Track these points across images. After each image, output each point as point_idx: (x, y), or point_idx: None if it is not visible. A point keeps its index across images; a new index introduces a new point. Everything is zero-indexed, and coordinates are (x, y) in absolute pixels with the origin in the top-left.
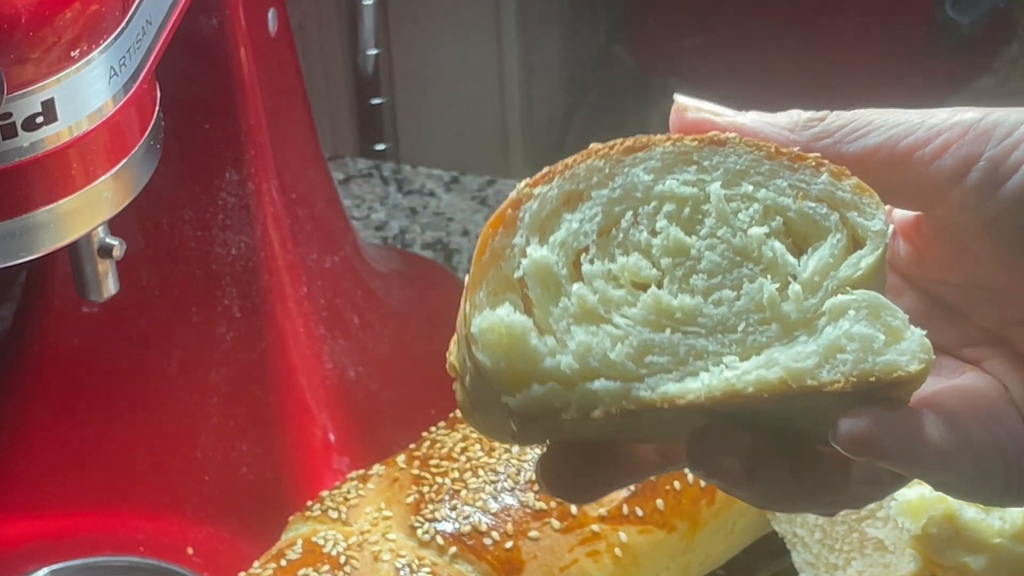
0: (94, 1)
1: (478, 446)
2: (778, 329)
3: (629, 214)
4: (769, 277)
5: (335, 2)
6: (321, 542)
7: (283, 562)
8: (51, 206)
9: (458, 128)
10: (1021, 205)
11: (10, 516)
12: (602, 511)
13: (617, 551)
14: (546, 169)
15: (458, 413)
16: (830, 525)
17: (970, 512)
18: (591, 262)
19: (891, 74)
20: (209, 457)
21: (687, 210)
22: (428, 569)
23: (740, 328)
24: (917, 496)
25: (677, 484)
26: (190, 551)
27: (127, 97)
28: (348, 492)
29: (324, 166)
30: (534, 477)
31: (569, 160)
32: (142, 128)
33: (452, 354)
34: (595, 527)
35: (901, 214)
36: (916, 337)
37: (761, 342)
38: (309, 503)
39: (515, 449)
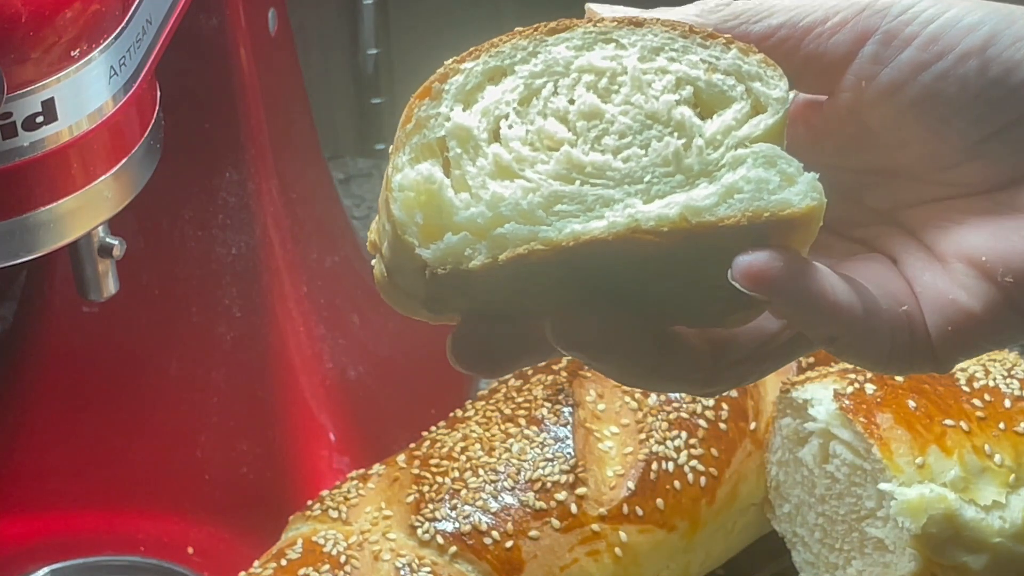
0: (94, 1)
1: (478, 446)
2: (681, 180)
3: (549, 85)
4: (676, 136)
5: (335, 2)
6: (321, 541)
7: (283, 561)
8: (51, 206)
9: None
10: (913, 77)
11: (10, 515)
12: (602, 511)
13: (617, 550)
14: (472, 49)
15: (458, 413)
16: (830, 525)
17: (970, 512)
18: (510, 127)
19: None
20: (209, 457)
21: (604, 81)
22: (428, 568)
23: (646, 180)
24: (917, 496)
25: (677, 484)
26: (190, 550)
27: (127, 97)
28: (348, 492)
29: (324, 166)
30: (533, 475)
31: (495, 40)
32: (142, 128)
33: (372, 230)
34: (595, 527)
35: (802, 99)
36: (808, 178)
37: (665, 191)
38: (309, 502)
39: (515, 448)
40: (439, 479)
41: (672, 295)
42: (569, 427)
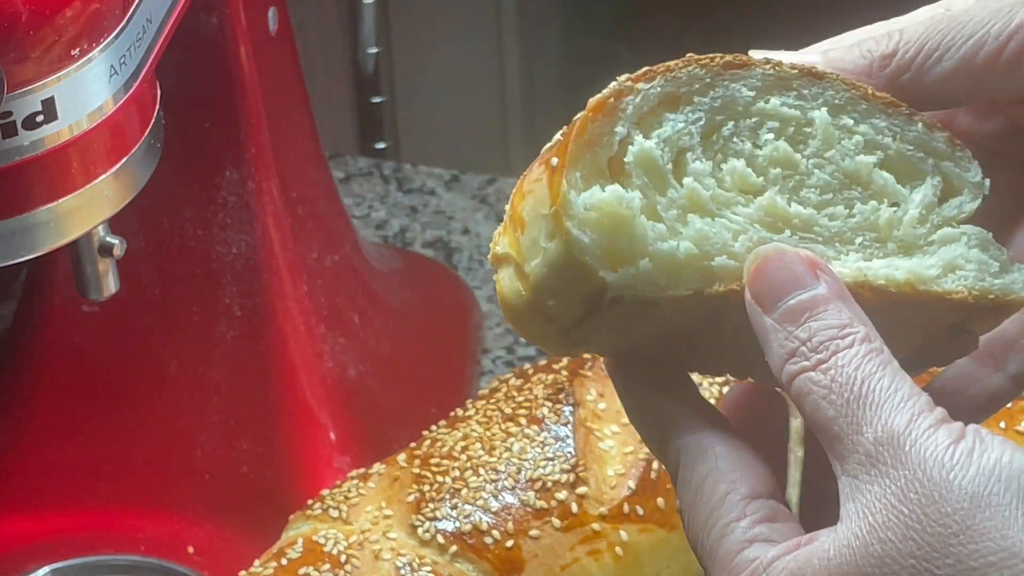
0: (94, 0)
1: (479, 445)
2: (893, 248)
3: (731, 124)
4: (880, 201)
5: (335, 1)
6: (322, 541)
7: (284, 561)
8: (51, 205)
9: (458, 126)
10: None
11: (10, 515)
12: (603, 510)
13: (618, 550)
14: (644, 69)
15: (459, 412)
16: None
17: None
18: (696, 161)
19: None
20: (209, 456)
21: (791, 130)
22: (429, 568)
23: (857, 242)
24: None
25: None
26: (190, 550)
27: (127, 96)
28: (349, 491)
29: (324, 165)
30: (534, 474)
31: (671, 63)
32: (142, 127)
33: (499, 244)
34: (596, 526)
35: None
36: (1023, 269)
37: (877, 256)
38: (310, 502)
39: (515, 448)
40: (439, 478)
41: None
42: (570, 426)
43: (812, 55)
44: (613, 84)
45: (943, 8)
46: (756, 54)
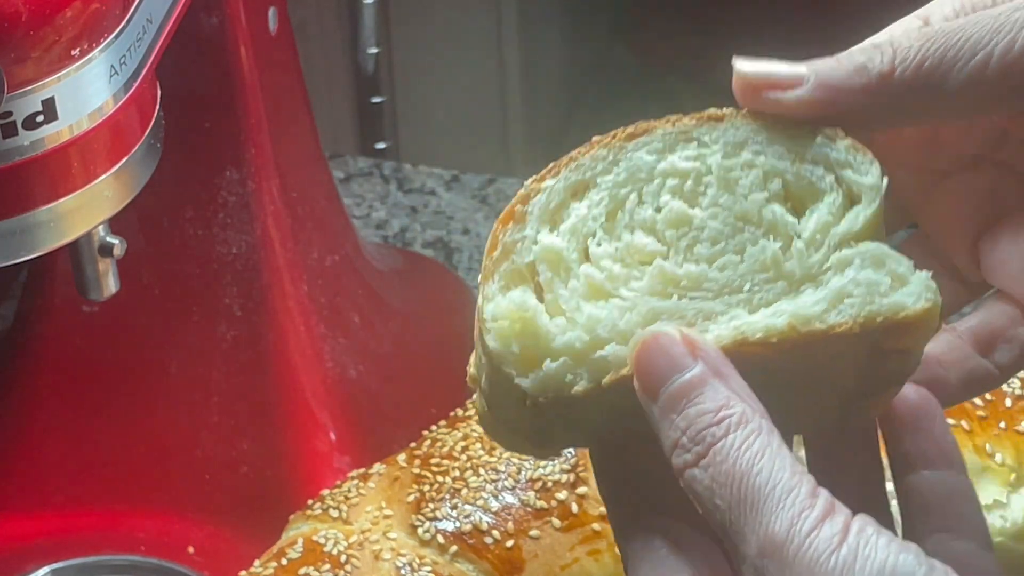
0: (94, 0)
1: (479, 445)
2: (784, 286)
3: (634, 195)
4: (771, 238)
5: (336, 1)
6: (322, 541)
7: (284, 561)
8: (51, 205)
9: (459, 126)
10: None
11: (10, 515)
12: (603, 510)
13: (618, 550)
14: (551, 164)
15: (459, 412)
16: None
17: None
18: (598, 244)
19: None
20: (209, 456)
21: (689, 183)
22: (429, 568)
23: (746, 288)
24: None
25: None
26: (191, 550)
27: (128, 96)
28: (349, 491)
29: (324, 165)
30: (534, 474)
31: (574, 153)
32: (143, 127)
33: (472, 364)
34: (596, 526)
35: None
36: (921, 278)
37: (768, 299)
38: (310, 502)
39: None
40: (440, 478)
41: (783, 407)
42: None
43: (802, 68)
44: (520, 190)
45: (919, 22)
46: (743, 65)
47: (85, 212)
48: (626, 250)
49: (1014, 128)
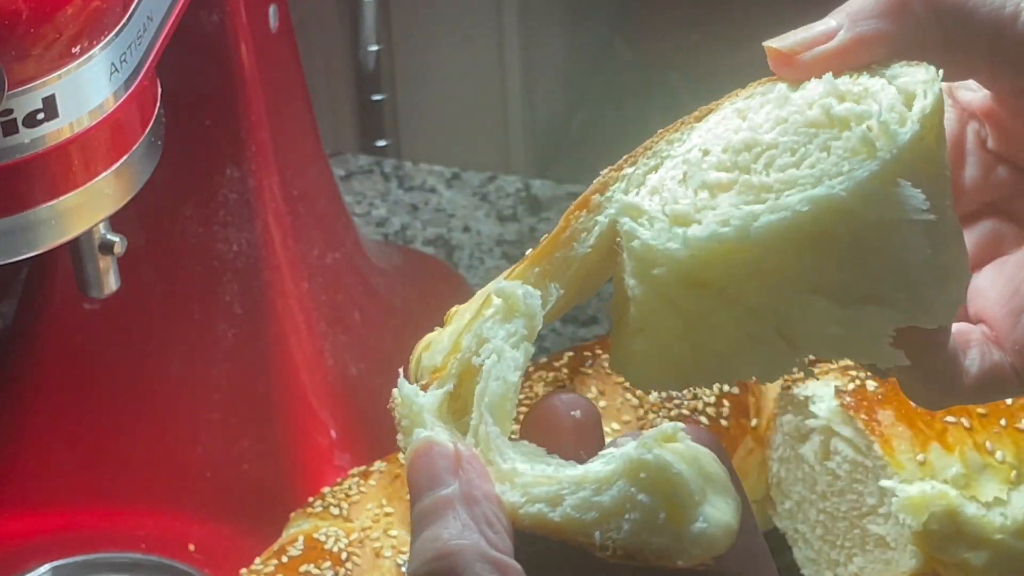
0: None
1: None
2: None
3: (699, 152)
4: (852, 127)
5: None
6: (323, 538)
7: (284, 558)
8: (52, 203)
9: (459, 124)
10: None
11: (12, 512)
12: None
13: None
14: (626, 156)
15: None
16: (831, 521)
17: (972, 508)
18: (678, 185)
19: None
20: (210, 454)
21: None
22: None
23: (845, 169)
24: (919, 492)
25: None
26: (191, 547)
27: (128, 93)
28: (349, 488)
29: (325, 162)
30: None
31: (647, 143)
32: (143, 124)
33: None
34: None
35: (978, 102)
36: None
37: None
38: (310, 499)
39: None
40: None
41: None
42: None
43: (830, 20)
44: (597, 178)
45: None
46: (774, 42)
47: (86, 210)
48: (706, 185)
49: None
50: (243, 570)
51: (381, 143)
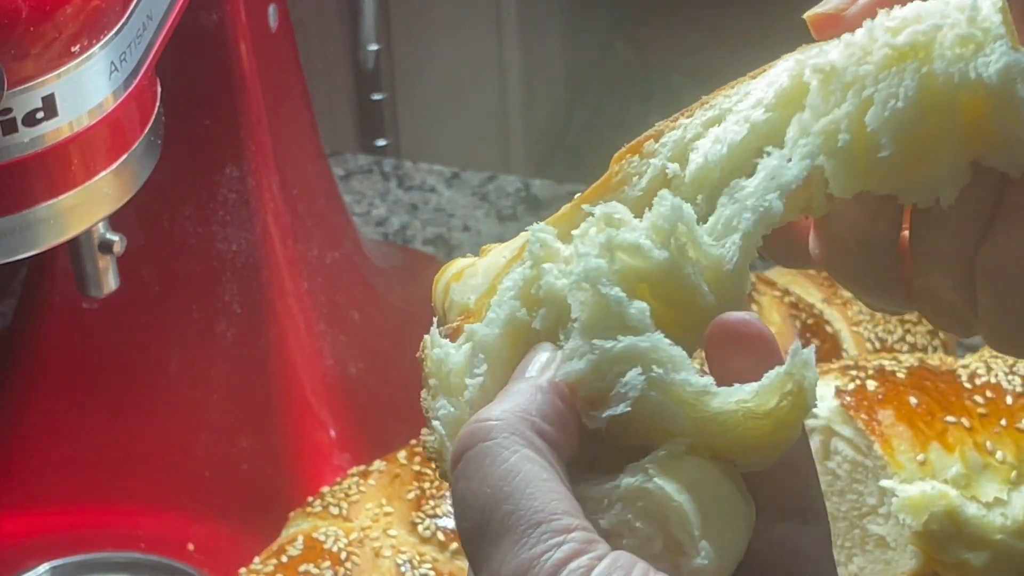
0: None
1: None
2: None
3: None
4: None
5: None
6: (322, 538)
7: (284, 558)
8: (51, 202)
9: (459, 124)
10: None
11: (10, 512)
12: None
13: None
14: (683, 110)
15: None
16: (831, 521)
17: (972, 509)
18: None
19: None
20: (209, 453)
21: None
22: (429, 565)
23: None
24: (919, 493)
25: None
26: (190, 547)
27: (127, 93)
28: (349, 488)
29: (324, 162)
30: None
31: (705, 98)
32: (142, 124)
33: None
34: None
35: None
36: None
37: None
38: (310, 499)
39: None
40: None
41: None
42: None
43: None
44: (649, 130)
45: None
46: (811, 12)
47: (85, 209)
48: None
49: None
50: (242, 569)
51: (381, 142)
